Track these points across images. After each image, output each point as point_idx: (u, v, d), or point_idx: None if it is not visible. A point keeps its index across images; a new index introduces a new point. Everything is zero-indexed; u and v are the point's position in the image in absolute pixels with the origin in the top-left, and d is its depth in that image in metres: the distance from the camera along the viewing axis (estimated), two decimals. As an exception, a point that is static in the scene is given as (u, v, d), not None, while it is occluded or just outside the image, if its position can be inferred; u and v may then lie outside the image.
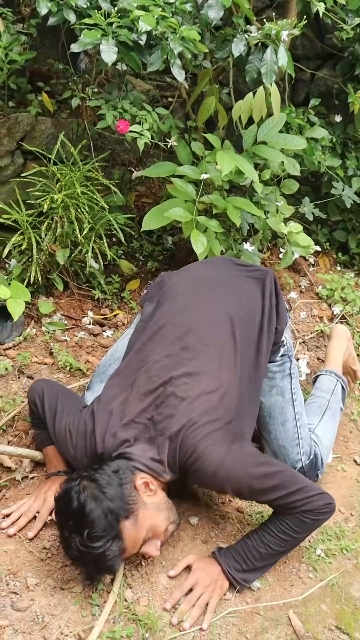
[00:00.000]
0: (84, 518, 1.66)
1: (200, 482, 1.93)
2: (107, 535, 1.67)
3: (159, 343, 2.02)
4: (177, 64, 2.31)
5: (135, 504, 1.76)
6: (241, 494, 1.89)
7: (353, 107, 3.04)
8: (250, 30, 2.54)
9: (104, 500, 1.69)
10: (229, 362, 1.99)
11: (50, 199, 2.52)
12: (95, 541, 1.66)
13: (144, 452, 1.86)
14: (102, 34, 2.18)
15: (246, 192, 2.79)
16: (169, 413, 1.88)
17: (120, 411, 1.92)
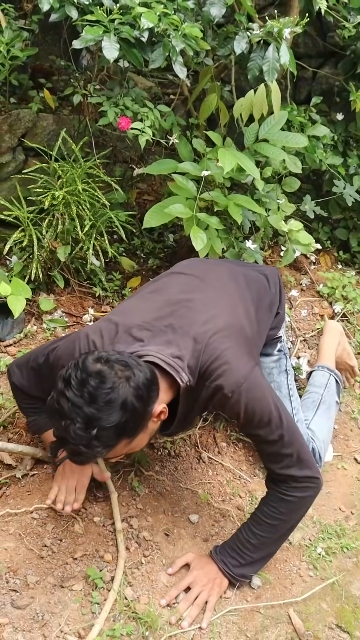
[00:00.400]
0: (108, 401, 1.50)
1: (218, 390, 1.72)
2: (106, 441, 1.53)
3: (174, 278, 1.99)
4: (179, 61, 2.30)
5: (143, 427, 1.64)
6: (251, 418, 1.74)
7: (355, 105, 3.03)
8: (253, 27, 2.53)
9: (127, 410, 1.53)
10: (246, 304, 1.96)
11: (52, 195, 2.51)
12: (92, 431, 1.50)
13: (162, 349, 1.72)
14: (104, 30, 2.17)
15: (247, 189, 2.79)
16: (191, 318, 1.78)
17: (137, 314, 1.82)
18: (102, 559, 1.86)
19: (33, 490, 2.02)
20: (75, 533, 1.91)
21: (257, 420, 1.74)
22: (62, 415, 1.51)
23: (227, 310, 1.87)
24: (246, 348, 1.82)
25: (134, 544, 1.93)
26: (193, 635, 1.75)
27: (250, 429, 1.79)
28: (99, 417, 1.49)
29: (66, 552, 1.86)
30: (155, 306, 1.84)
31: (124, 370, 1.56)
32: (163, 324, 1.78)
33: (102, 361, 1.55)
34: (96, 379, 1.51)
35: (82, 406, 1.49)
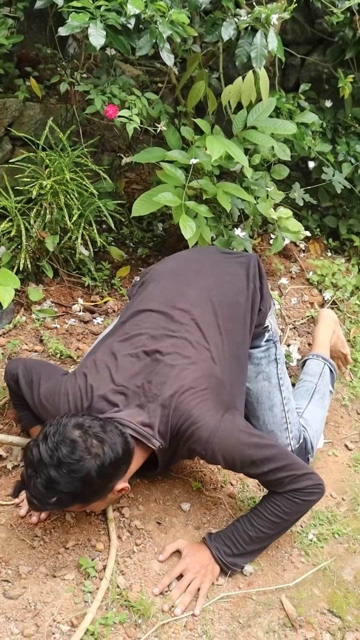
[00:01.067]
0: (71, 470, 1.64)
1: (192, 449, 1.85)
2: (60, 501, 1.67)
3: (144, 317, 2.02)
4: (166, 48, 2.29)
5: (100, 497, 1.77)
6: (233, 464, 1.85)
7: (343, 92, 3.03)
8: (240, 14, 2.52)
9: (86, 482, 1.67)
10: (214, 337, 1.99)
11: (39, 185, 2.50)
12: (50, 492, 1.65)
13: (133, 417, 1.82)
14: (90, 17, 2.16)
15: (236, 177, 2.78)
16: (160, 380, 1.86)
17: (111, 375, 1.89)
18: (94, 548, 1.86)
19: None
20: (66, 522, 1.91)
21: (239, 463, 1.84)
22: (31, 465, 1.67)
23: (195, 355, 1.93)
24: (215, 396, 1.88)
25: (125, 533, 1.93)
26: (186, 622, 1.75)
27: (238, 469, 1.87)
28: (59, 482, 1.64)
29: (58, 542, 1.86)
30: (127, 364, 1.92)
31: (97, 446, 1.69)
32: (136, 384, 1.88)
33: (81, 429, 1.70)
34: (68, 447, 1.65)
35: (48, 465, 1.64)
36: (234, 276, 2.15)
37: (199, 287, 2.09)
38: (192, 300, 2.05)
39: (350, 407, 2.69)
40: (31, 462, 1.66)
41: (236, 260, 2.23)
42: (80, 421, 1.71)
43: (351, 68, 3.16)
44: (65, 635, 1.64)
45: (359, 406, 2.70)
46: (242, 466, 1.84)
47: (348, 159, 3.18)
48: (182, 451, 1.88)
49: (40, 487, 1.64)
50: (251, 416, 2.25)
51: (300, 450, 2.24)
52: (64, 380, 1.94)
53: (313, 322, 2.99)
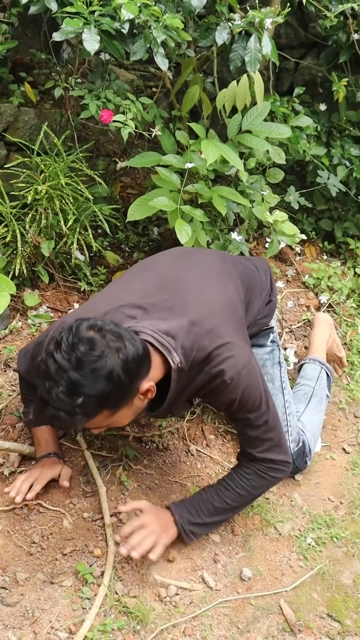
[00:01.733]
0: (94, 369, 1.49)
1: (218, 375, 1.72)
2: (86, 409, 1.52)
3: (157, 260, 2.01)
4: (160, 53, 2.29)
5: (127, 402, 1.62)
6: (243, 404, 1.77)
7: (337, 95, 3.03)
8: (234, 18, 2.52)
9: (112, 381, 1.52)
10: (231, 284, 1.96)
11: (34, 190, 2.49)
12: (74, 397, 1.49)
13: (155, 325, 1.70)
14: (84, 22, 2.15)
15: (231, 181, 2.78)
16: (185, 297, 1.78)
17: (127, 295, 1.80)
18: (91, 554, 1.85)
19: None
20: (64, 529, 1.90)
21: (249, 405, 1.78)
22: (48, 377, 1.50)
23: (219, 289, 1.88)
24: (242, 331, 1.84)
25: (123, 539, 1.93)
26: (185, 627, 1.75)
27: (241, 413, 1.81)
28: (83, 384, 1.48)
29: (55, 548, 1.85)
30: (145, 285, 1.84)
31: (116, 341, 1.54)
32: (157, 300, 1.78)
33: (95, 329, 1.54)
34: (86, 345, 1.49)
35: (68, 370, 1.48)
36: (245, 266, 2.16)
37: (213, 252, 2.10)
38: (209, 256, 2.04)
39: (348, 411, 2.68)
40: (47, 373, 1.50)
41: (244, 259, 2.26)
42: (92, 322, 1.56)
43: (345, 71, 3.17)
44: (64, 642, 1.63)
45: (356, 409, 2.69)
46: (250, 408, 1.78)
47: (343, 162, 3.18)
48: (201, 379, 1.75)
49: (64, 395, 1.48)
50: None
51: (299, 454, 2.23)
52: (75, 313, 1.85)
53: (309, 325, 2.98)
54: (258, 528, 2.09)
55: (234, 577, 1.92)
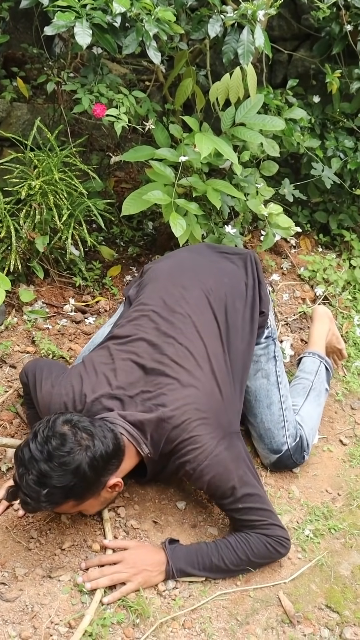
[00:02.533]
0: (62, 463, 1.64)
1: (182, 466, 1.84)
2: (51, 497, 1.65)
3: (143, 322, 2.01)
4: (152, 46, 2.28)
5: (93, 494, 1.76)
6: (214, 491, 1.85)
7: (331, 87, 3.03)
8: (226, 10, 2.52)
9: (79, 475, 1.66)
10: (216, 348, 1.99)
11: (28, 185, 2.49)
12: (42, 487, 1.63)
13: (129, 416, 1.83)
14: (75, 16, 2.15)
15: (226, 174, 2.78)
16: (161, 392, 1.86)
17: (108, 378, 1.90)
18: (90, 549, 1.85)
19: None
20: (62, 524, 1.90)
21: (219, 492, 1.85)
22: (21, 463, 1.66)
23: (197, 369, 1.93)
24: (215, 419, 1.88)
25: (122, 533, 1.93)
26: (184, 620, 1.75)
27: (216, 499, 1.90)
28: (51, 476, 1.63)
29: (54, 543, 1.85)
30: (126, 369, 1.92)
31: (87, 439, 1.69)
32: (134, 391, 1.89)
33: (70, 424, 1.70)
34: (58, 440, 1.66)
35: (39, 461, 1.64)
36: (233, 277, 2.16)
37: (199, 289, 2.08)
38: (192, 304, 2.05)
39: (344, 402, 2.69)
40: (22, 460, 1.66)
41: (233, 258, 2.24)
42: (69, 417, 1.72)
43: (338, 63, 3.16)
44: (63, 637, 1.63)
45: (352, 401, 2.70)
46: (222, 496, 1.85)
47: (337, 154, 3.17)
48: (172, 467, 1.89)
49: (32, 483, 1.63)
50: (249, 414, 2.25)
51: (297, 449, 2.24)
52: (61, 382, 1.94)
53: (305, 318, 2.99)
54: (256, 520, 2.09)
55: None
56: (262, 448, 2.26)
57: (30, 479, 1.63)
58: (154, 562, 1.81)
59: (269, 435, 2.21)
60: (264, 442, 2.23)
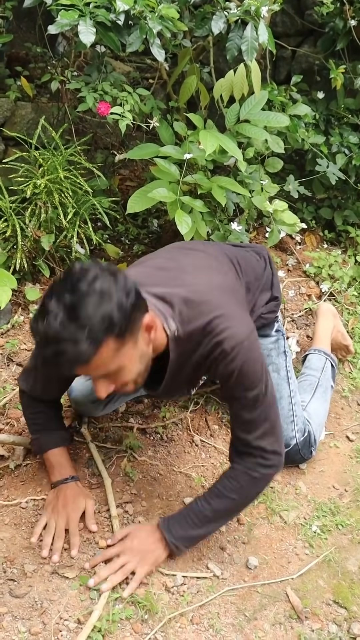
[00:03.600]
0: (85, 295, 1.40)
1: (217, 346, 1.66)
2: (90, 332, 1.40)
3: (155, 254, 2.02)
4: (156, 44, 2.28)
5: (132, 333, 1.51)
6: (241, 380, 1.69)
7: (335, 82, 3.02)
8: (230, 7, 2.51)
9: (112, 301, 1.43)
10: (231, 273, 1.95)
11: (33, 184, 2.49)
12: (76, 320, 1.39)
13: (151, 290, 1.67)
14: (79, 14, 2.15)
15: (230, 171, 2.78)
16: (185, 277, 1.76)
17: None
18: (98, 546, 1.86)
19: (27, 481, 2.02)
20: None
21: (249, 380, 1.69)
22: (45, 312, 1.41)
23: (219, 273, 1.87)
24: (244, 308, 1.81)
25: (130, 530, 1.93)
26: (192, 616, 1.76)
27: (237, 390, 1.72)
28: (82, 304, 1.40)
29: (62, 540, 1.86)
30: (144, 271, 1.83)
31: (108, 268, 1.49)
32: (154, 276, 1.77)
33: (86, 265, 1.48)
34: (79, 272, 1.44)
35: (64, 296, 1.41)
36: (247, 261, 2.11)
37: (212, 245, 2.09)
38: (208, 249, 2.02)
39: (351, 399, 2.69)
40: (44, 308, 1.42)
41: (246, 248, 2.24)
42: (83, 265, 1.49)
43: (342, 58, 3.16)
44: (72, 632, 1.64)
45: (359, 397, 2.70)
46: (248, 386, 1.70)
47: (342, 150, 3.17)
48: (201, 352, 1.69)
49: (64, 320, 1.38)
50: None
51: (305, 444, 2.24)
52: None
53: (311, 314, 2.99)
54: (263, 517, 2.10)
55: (240, 565, 1.93)
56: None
57: (60, 320, 1.39)
58: (153, 541, 1.82)
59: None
60: None
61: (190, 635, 1.71)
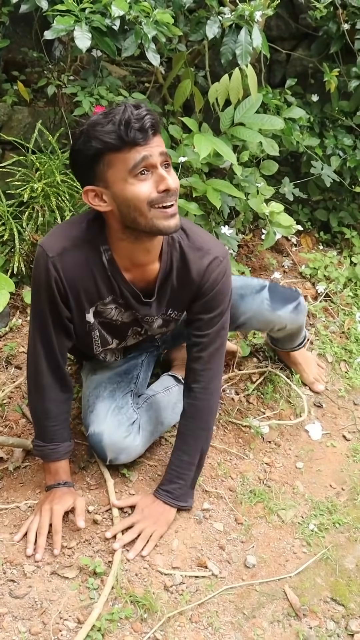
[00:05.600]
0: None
1: (207, 254, 1.82)
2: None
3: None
4: (151, 48, 2.31)
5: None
6: (222, 291, 1.86)
7: (329, 85, 3.05)
8: (224, 12, 2.54)
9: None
10: None
11: (30, 188, 2.51)
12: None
13: None
14: (75, 20, 2.17)
15: (226, 174, 2.80)
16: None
17: None
18: (97, 546, 1.87)
19: (26, 482, 2.03)
20: (69, 522, 1.92)
21: (225, 294, 1.87)
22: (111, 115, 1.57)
23: None
24: None
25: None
26: (191, 615, 1.77)
27: (216, 302, 1.86)
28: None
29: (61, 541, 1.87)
30: None
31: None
32: None
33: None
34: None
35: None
36: None
37: None
38: None
39: (347, 398, 2.71)
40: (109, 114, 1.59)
41: None
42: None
43: (336, 62, 3.18)
44: (72, 631, 1.65)
45: (355, 397, 2.72)
46: (223, 299, 1.87)
47: (336, 152, 3.20)
48: (197, 267, 1.83)
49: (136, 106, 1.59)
50: (237, 322, 2.27)
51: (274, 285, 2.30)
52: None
53: (308, 315, 3.00)
54: (261, 516, 2.11)
55: (238, 564, 1.95)
56: (250, 301, 2.24)
57: (131, 105, 1.58)
58: (159, 505, 1.96)
59: (244, 287, 2.24)
60: (245, 294, 2.23)
61: (190, 634, 1.73)
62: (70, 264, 1.73)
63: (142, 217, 1.62)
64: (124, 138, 1.56)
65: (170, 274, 1.85)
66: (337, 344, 2.91)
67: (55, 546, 1.83)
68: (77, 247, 1.74)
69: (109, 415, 2.04)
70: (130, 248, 1.74)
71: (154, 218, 1.62)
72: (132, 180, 1.59)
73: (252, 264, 3.13)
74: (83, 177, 1.68)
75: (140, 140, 1.56)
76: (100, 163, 1.60)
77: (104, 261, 1.77)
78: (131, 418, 2.06)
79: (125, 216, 1.64)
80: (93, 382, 2.15)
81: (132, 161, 1.57)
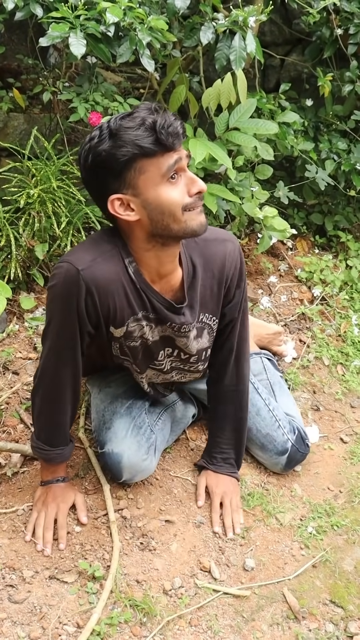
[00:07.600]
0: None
1: (226, 242, 1.86)
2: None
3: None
4: (146, 54, 2.32)
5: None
6: (243, 273, 1.92)
7: (323, 90, 3.06)
8: (218, 17, 2.56)
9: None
10: None
11: (27, 194, 2.52)
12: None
13: None
14: (70, 27, 2.18)
15: (221, 178, 2.81)
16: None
17: None
18: (96, 551, 1.87)
19: (24, 487, 2.04)
20: (68, 527, 1.92)
21: (243, 269, 1.92)
22: (136, 116, 1.56)
23: None
24: None
25: (128, 534, 1.95)
26: (190, 618, 1.77)
27: (242, 282, 1.93)
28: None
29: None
30: None
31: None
32: None
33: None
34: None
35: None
36: None
37: None
38: None
39: (344, 401, 2.72)
40: (136, 117, 1.56)
41: None
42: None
43: (330, 66, 3.20)
44: (72, 636, 1.65)
45: (352, 400, 2.73)
46: (244, 280, 1.94)
47: (331, 156, 3.21)
48: (219, 258, 1.84)
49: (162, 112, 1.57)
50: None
51: (298, 440, 2.26)
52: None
53: (304, 318, 3.02)
54: (259, 519, 2.12)
55: (237, 567, 1.95)
56: (269, 455, 2.25)
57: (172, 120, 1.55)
58: (226, 479, 2.14)
59: (270, 439, 2.22)
60: (268, 448, 2.23)
61: (189, 637, 1.73)
62: (102, 277, 1.63)
63: (175, 222, 1.60)
64: (164, 143, 1.52)
65: (195, 274, 1.81)
66: (334, 347, 2.92)
67: (61, 541, 1.86)
68: (106, 260, 1.64)
69: (129, 435, 2.00)
70: (156, 257, 1.69)
71: (188, 220, 1.60)
72: (165, 185, 1.56)
73: (248, 268, 3.15)
74: (103, 185, 1.61)
75: (176, 145, 1.55)
76: (131, 169, 1.55)
77: (130, 274, 1.69)
78: (149, 439, 2.03)
79: (156, 223, 1.60)
80: (108, 395, 2.12)
81: (166, 166, 1.54)
